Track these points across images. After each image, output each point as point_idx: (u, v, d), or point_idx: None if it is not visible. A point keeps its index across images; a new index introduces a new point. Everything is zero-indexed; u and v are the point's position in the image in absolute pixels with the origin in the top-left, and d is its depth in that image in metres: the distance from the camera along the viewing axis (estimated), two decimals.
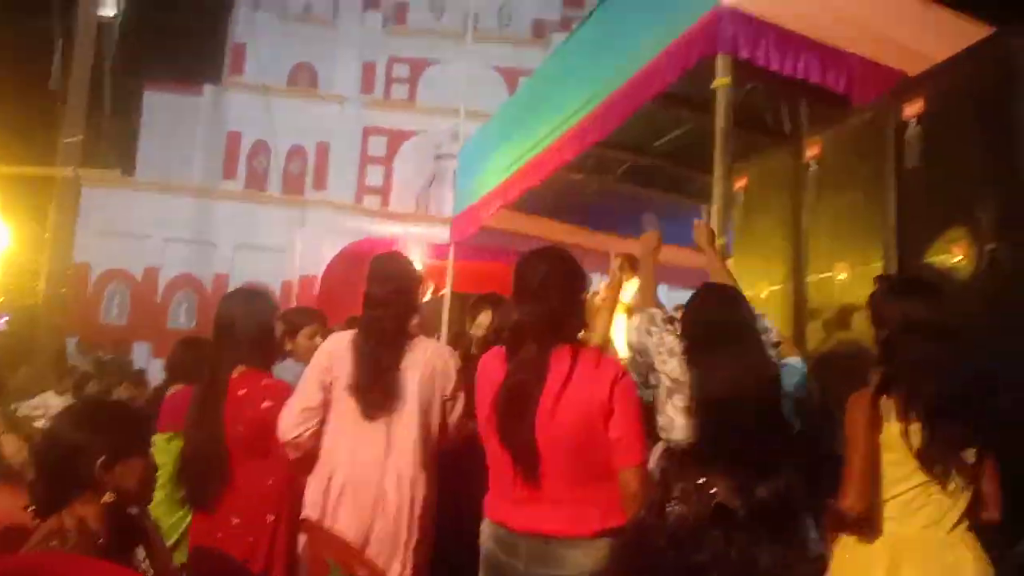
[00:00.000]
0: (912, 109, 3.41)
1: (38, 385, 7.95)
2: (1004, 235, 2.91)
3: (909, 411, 2.22)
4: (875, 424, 2.27)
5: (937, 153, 3.30)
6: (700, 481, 1.36)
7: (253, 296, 3.28)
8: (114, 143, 18.43)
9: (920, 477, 2.24)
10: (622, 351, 3.41)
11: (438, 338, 6.96)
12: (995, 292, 2.92)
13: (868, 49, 4.15)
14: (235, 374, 3.00)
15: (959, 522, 2.24)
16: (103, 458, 1.87)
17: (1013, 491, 2.26)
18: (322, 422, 2.82)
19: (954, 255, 3.11)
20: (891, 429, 2.26)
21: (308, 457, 2.86)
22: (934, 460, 2.20)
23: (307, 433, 2.80)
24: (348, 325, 3.72)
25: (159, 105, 19.82)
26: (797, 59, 3.98)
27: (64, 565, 1.69)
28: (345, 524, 2.69)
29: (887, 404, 2.28)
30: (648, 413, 2.59)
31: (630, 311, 6.67)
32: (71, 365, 11.66)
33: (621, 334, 4.66)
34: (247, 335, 3.04)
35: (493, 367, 2.39)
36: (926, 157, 3.34)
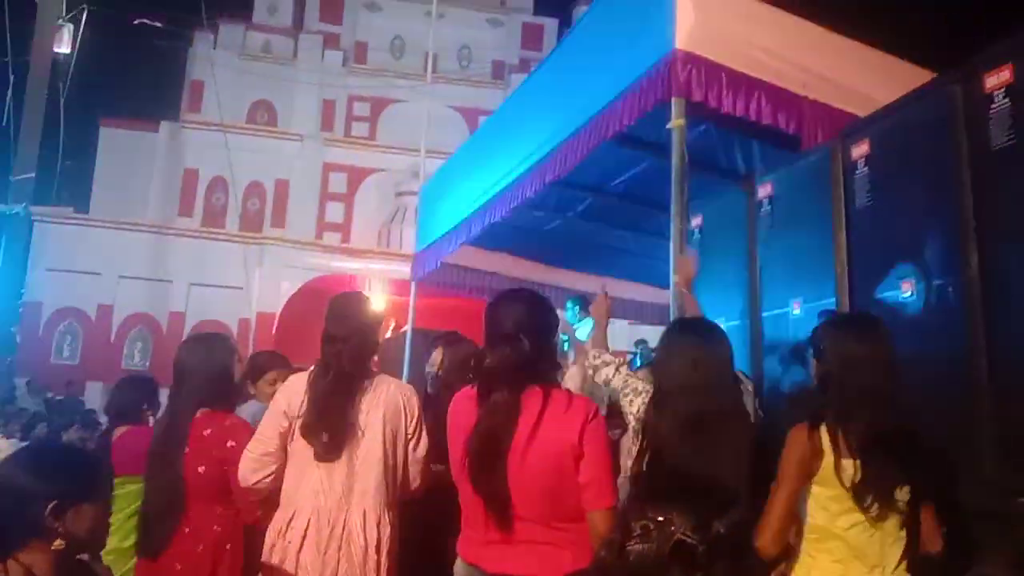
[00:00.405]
0: (860, 150, 3.52)
1: None
2: (950, 271, 3.00)
3: (842, 445, 2.23)
4: (813, 458, 2.27)
5: (884, 193, 3.40)
6: (660, 519, 1.37)
7: (211, 340, 3.32)
8: (68, 180, 18.16)
9: (858, 515, 2.23)
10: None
11: (400, 375, 6.93)
12: (942, 326, 3.00)
13: (817, 91, 4.29)
14: (198, 415, 2.99)
15: (899, 562, 2.24)
16: (53, 504, 1.81)
17: (952, 526, 2.29)
18: (282, 466, 2.78)
19: (903, 291, 3.19)
20: (827, 463, 2.26)
21: (271, 500, 2.83)
22: (867, 495, 2.19)
23: (267, 479, 2.76)
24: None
25: (115, 142, 19.61)
26: (749, 101, 4.10)
27: None
28: (308, 567, 2.63)
29: (824, 438, 2.29)
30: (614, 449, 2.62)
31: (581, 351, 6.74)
32: (20, 407, 11.34)
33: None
34: (206, 379, 3.05)
35: (465, 410, 2.37)
36: (874, 196, 3.44)
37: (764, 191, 4.15)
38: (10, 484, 1.85)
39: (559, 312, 6.99)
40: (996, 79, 2.83)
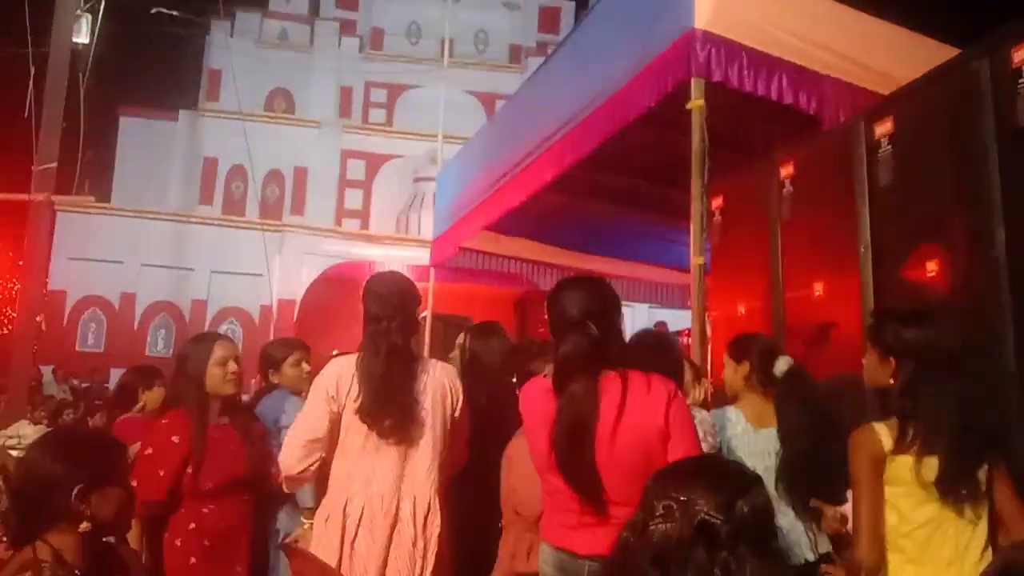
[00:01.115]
0: (883, 129, 3.47)
1: (13, 415, 7.81)
2: (975, 251, 2.96)
3: (928, 443, 2.18)
4: (880, 458, 2.24)
5: (908, 171, 3.35)
6: (683, 498, 1.36)
7: (201, 340, 3.35)
8: (89, 169, 18.28)
9: (931, 510, 2.19)
10: None
11: None
12: (967, 307, 2.96)
13: (838, 70, 4.23)
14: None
15: (983, 554, 2.18)
16: (79, 488, 1.84)
17: None
18: (330, 452, 2.76)
19: (928, 270, 3.15)
20: (899, 461, 2.22)
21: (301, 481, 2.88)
22: (950, 490, 2.16)
23: (313, 465, 2.74)
24: None
25: (134, 131, 19.77)
26: (769, 81, 4.06)
27: None
28: (363, 555, 2.61)
29: (892, 436, 2.24)
30: None
31: None
32: (47, 394, 11.49)
33: None
34: (185, 376, 3.15)
35: (542, 400, 2.33)
36: (898, 175, 3.39)
37: (786, 171, 4.10)
38: (38, 469, 1.88)
39: None
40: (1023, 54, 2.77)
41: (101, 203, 18.49)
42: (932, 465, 2.17)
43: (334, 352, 3.66)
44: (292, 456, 2.74)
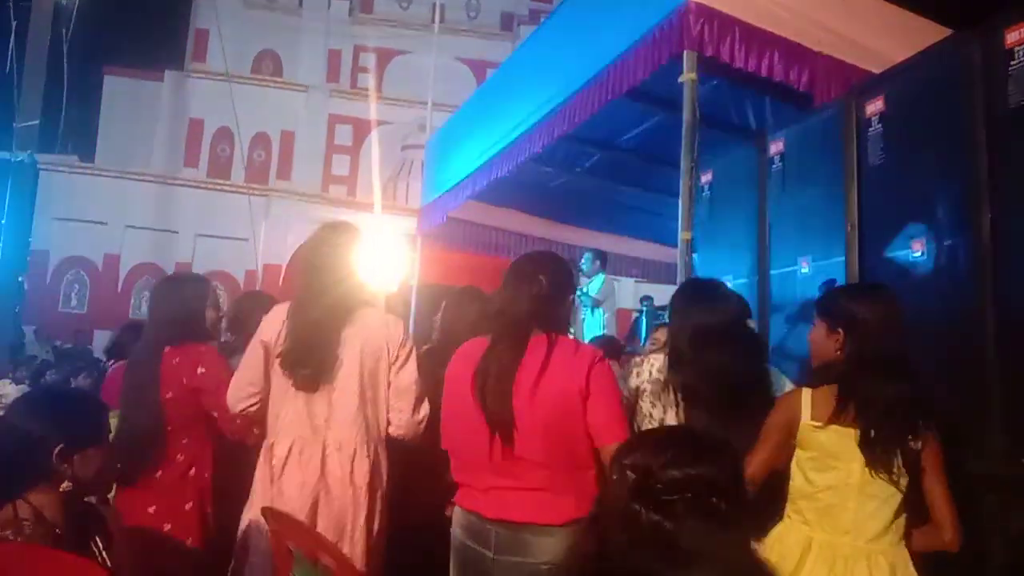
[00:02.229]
0: (873, 107, 3.47)
1: None
2: (961, 232, 2.98)
3: (861, 415, 2.21)
4: (794, 421, 2.29)
5: (898, 151, 3.36)
6: (626, 462, 1.41)
7: (181, 281, 3.43)
8: (73, 128, 18.07)
9: (836, 477, 2.22)
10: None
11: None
12: (951, 287, 2.99)
13: (831, 47, 4.22)
14: (166, 350, 3.06)
15: (888, 528, 2.20)
16: (60, 447, 1.84)
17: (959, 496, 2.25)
18: (266, 394, 2.78)
19: (914, 250, 3.17)
20: (818, 428, 2.26)
21: (254, 424, 2.87)
22: (876, 458, 2.18)
23: (252, 407, 2.78)
24: None
25: (119, 91, 19.48)
26: (762, 56, 4.04)
27: (20, 555, 1.66)
28: (289, 496, 2.62)
29: (806, 400, 2.30)
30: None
31: (596, 303, 6.74)
32: (29, 354, 11.44)
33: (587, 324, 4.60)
34: (171, 318, 3.13)
35: (473, 350, 2.39)
36: (887, 154, 3.40)
37: (775, 148, 4.10)
38: (19, 428, 1.88)
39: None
40: (1017, 35, 2.77)
41: (85, 163, 18.29)
42: (852, 435, 2.21)
43: None
44: (232, 396, 2.80)
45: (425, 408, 2.81)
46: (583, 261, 7.62)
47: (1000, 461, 2.67)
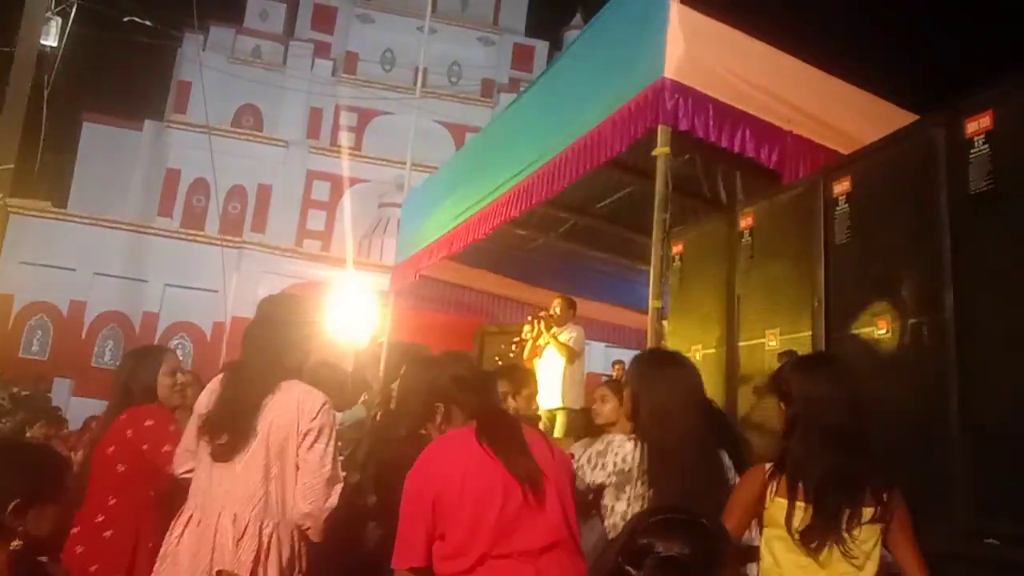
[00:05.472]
0: (841, 187, 3.57)
1: None
2: (926, 310, 3.04)
3: (799, 488, 2.21)
4: (759, 500, 2.28)
5: (864, 230, 3.44)
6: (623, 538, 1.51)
7: (141, 355, 3.53)
8: (48, 173, 17.95)
9: (804, 559, 2.20)
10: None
11: (370, 386, 6.83)
12: (916, 365, 3.03)
13: (800, 127, 4.35)
14: (123, 415, 3.18)
15: None
16: (15, 502, 1.78)
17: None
18: None
19: (879, 328, 3.22)
20: (776, 504, 2.25)
21: None
22: (814, 538, 2.16)
23: (190, 472, 2.76)
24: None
25: (97, 138, 19.48)
26: (733, 133, 4.15)
27: None
28: (182, 565, 2.57)
29: (774, 481, 2.28)
30: None
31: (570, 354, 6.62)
32: None
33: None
34: (136, 387, 3.29)
35: (452, 447, 2.34)
36: (853, 233, 3.48)
37: (745, 222, 4.18)
38: None
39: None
40: (977, 125, 2.88)
41: (57, 208, 18.13)
42: (801, 514, 2.19)
43: None
44: (175, 462, 2.86)
45: (336, 495, 2.66)
46: (555, 307, 7.08)
47: (966, 539, 2.68)
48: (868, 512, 2.18)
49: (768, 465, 2.33)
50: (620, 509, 2.56)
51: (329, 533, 2.68)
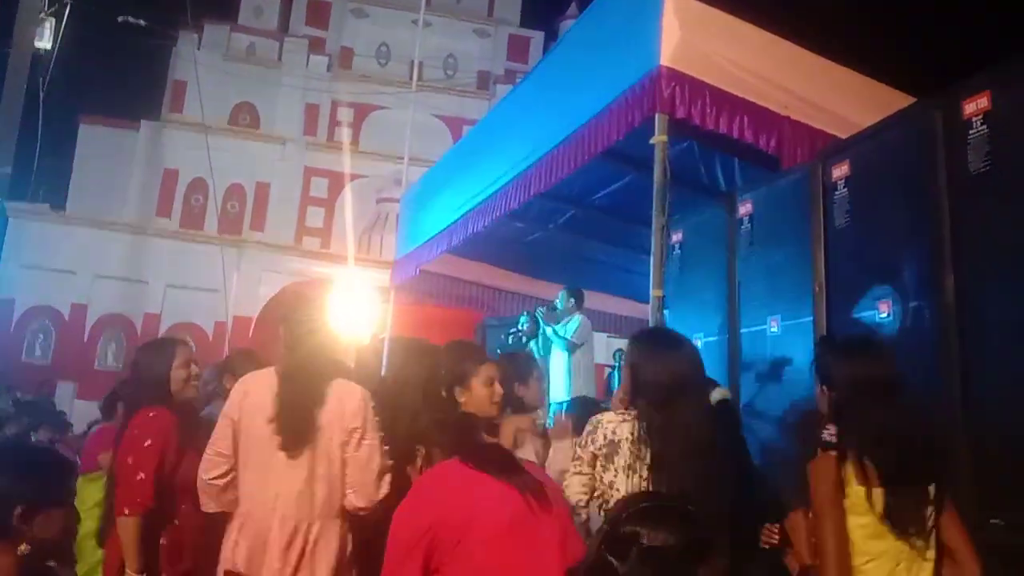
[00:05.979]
0: (840, 171, 3.56)
1: None
2: (926, 293, 3.04)
3: (870, 474, 2.19)
4: (839, 488, 2.24)
5: (863, 213, 3.44)
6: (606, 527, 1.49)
7: (154, 347, 3.44)
8: (46, 176, 17.91)
9: (887, 542, 2.19)
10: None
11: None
12: (917, 347, 3.04)
13: (797, 112, 4.35)
14: (137, 414, 3.12)
15: None
16: (23, 507, 1.78)
17: None
18: (235, 466, 2.75)
19: (880, 311, 3.23)
20: (855, 492, 2.23)
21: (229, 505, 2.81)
22: (899, 521, 2.16)
23: (221, 477, 2.73)
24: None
25: (94, 139, 19.39)
26: (731, 119, 4.15)
27: None
28: (241, 565, 2.61)
29: (848, 467, 2.25)
30: None
31: (572, 346, 6.63)
32: None
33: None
34: (142, 382, 3.24)
35: (478, 491, 2.21)
36: (853, 217, 3.48)
37: (744, 208, 4.18)
38: None
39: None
40: (975, 106, 2.88)
41: (56, 211, 18.11)
42: (879, 498, 2.18)
43: None
44: (203, 466, 2.76)
45: (387, 484, 2.72)
46: (557, 300, 7.04)
47: (971, 522, 2.68)
48: (932, 492, 2.20)
49: (829, 455, 2.29)
50: (608, 479, 2.57)
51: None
